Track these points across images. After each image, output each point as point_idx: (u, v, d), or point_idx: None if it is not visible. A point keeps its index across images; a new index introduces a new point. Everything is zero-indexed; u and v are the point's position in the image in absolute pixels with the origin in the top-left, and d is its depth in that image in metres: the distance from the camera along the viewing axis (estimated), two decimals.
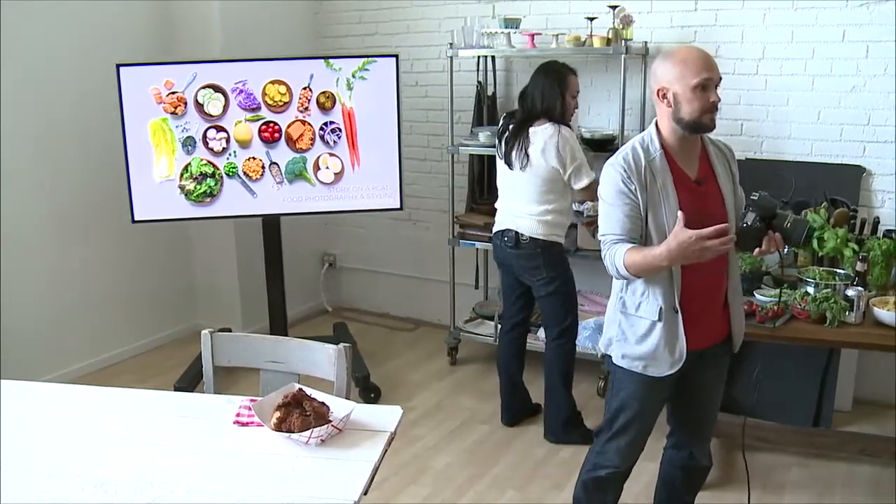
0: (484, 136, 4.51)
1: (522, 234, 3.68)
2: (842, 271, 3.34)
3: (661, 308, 2.45)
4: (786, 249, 2.48)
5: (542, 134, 3.61)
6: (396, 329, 5.53)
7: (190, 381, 4.33)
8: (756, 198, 2.38)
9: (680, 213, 2.28)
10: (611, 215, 2.43)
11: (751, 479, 3.52)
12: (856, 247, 3.37)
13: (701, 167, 2.47)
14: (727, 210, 2.45)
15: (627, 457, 2.70)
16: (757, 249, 2.41)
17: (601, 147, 4.24)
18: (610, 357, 2.62)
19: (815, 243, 3.48)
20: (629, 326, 2.53)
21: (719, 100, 2.36)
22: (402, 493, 3.49)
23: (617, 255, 2.37)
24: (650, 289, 2.46)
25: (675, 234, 2.24)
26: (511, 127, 3.72)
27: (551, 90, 3.64)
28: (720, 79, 2.37)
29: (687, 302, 2.45)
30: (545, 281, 3.73)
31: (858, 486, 3.51)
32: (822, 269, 3.40)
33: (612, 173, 2.42)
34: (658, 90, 2.39)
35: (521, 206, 3.70)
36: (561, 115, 3.65)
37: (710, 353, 2.58)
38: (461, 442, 3.94)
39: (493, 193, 4.90)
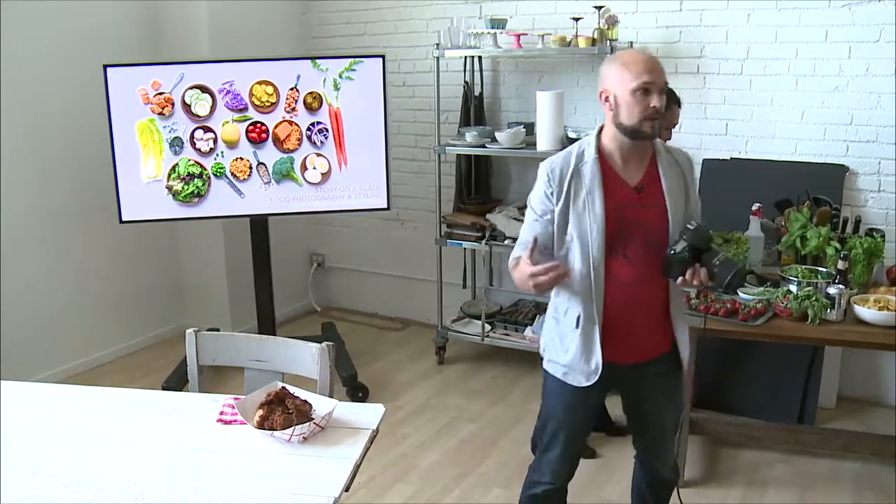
0: (471, 136, 4.53)
1: None
2: (824, 270, 3.37)
3: (579, 316, 2.39)
4: (718, 288, 2.36)
5: None
6: (385, 328, 5.54)
7: (178, 381, 4.34)
8: (692, 227, 2.27)
9: (531, 240, 2.26)
10: (526, 219, 2.45)
11: (735, 476, 3.58)
12: (838, 245, 3.40)
13: (645, 175, 2.37)
14: (669, 222, 2.34)
15: (560, 472, 2.60)
16: (680, 279, 2.30)
17: None
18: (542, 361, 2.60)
19: (798, 242, 3.52)
20: (557, 332, 2.49)
21: (660, 106, 2.26)
22: (388, 492, 3.50)
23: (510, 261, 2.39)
24: (572, 296, 2.41)
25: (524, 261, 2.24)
26: None
27: None
28: (665, 84, 2.28)
29: (613, 313, 2.37)
30: None
31: (841, 483, 3.54)
32: (804, 267, 3.43)
33: (539, 176, 2.40)
34: (601, 92, 2.33)
35: None
36: None
37: (651, 368, 2.48)
38: (448, 440, 3.95)
39: (479, 193, 4.95)
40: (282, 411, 2.08)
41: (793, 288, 3.24)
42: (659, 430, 2.62)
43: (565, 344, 2.45)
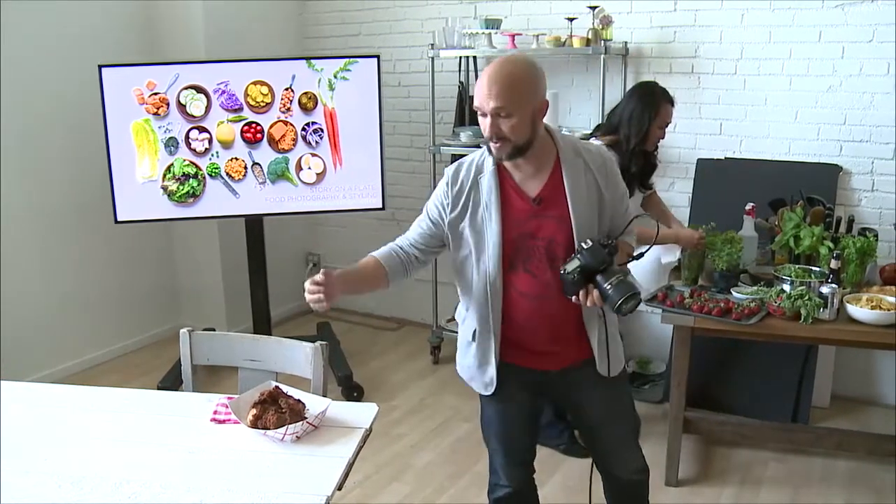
0: (465, 135, 4.54)
1: None
2: (817, 269, 3.38)
3: (475, 330, 2.37)
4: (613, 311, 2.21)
5: None
6: (380, 328, 5.55)
7: (173, 381, 4.34)
8: (586, 246, 2.15)
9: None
10: (419, 216, 2.42)
11: (729, 475, 3.59)
12: (831, 245, 3.41)
13: (547, 184, 2.25)
14: (575, 233, 2.22)
15: (512, 476, 2.55)
16: (574, 298, 2.21)
17: None
18: None
19: (791, 242, 3.53)
20: (460, 336, 2.48)
21: (494, 131, 2.14)
22: (383, 491, 3.51)
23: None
24: (470, 309, 2.37)
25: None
26: None
27: (640, 116, 3.42)
28: (497, 109, 2.11)
29: (519, 325, 2.33)
30: None
31: (835, 481, 3.56)
32: (797, 266, 3.43)
33: (441, 180, 2.36)
34: None
35: None
36: (640, 142, 3.43)
37: (579, 374, 2.40)
38: (443, 440, 3.96)
39: None
40: (275, 410, 2.09)
41: (786, 287, 3.25)
42: (610, 438, 2.55)
43: (466, 352, 2.45)
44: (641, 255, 2.35)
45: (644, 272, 3.66)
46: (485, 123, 2.17)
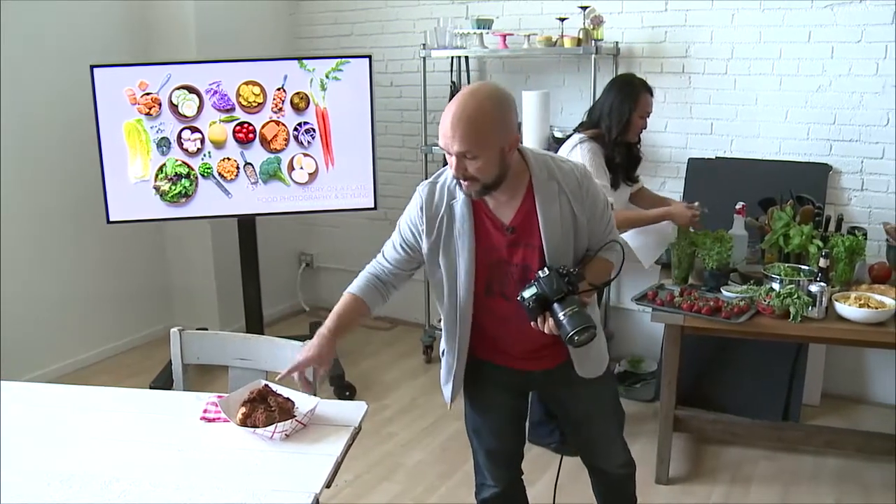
0: None
1: None
2: (806, 267, 3.40)
3: (443, 349, 2.40)
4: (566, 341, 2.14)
5: (565, 147, 3.53)
6: (373, 328, 5.55)
7: (165, 381, 4.34)
8: (542, 275, 2.10)
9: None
10: (394, 234, 2.39)
11: (719, 473, 3.61)
12: (820, 243, 3.42)
13: (519, 210, 2.19)
14: (548, 260, 2.17)
15: (496, 476, 2.55)
16: (532, 323, 2.14)
17: None
18: None
19: (781, 240, 3.54)
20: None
21: (455, 173, 2.09)
22: (374, 490, 3.52)
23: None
24: (444, 327, 2.37)
25: None
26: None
27: (620, 107, 3.43)
28: (462, 152, 2.02)
29: (493, 339, 2.34)
30: None
31: (824, 479, 3.58)
32: (787, 265, 3.45)
33: (414, 198, 2.30)
34: None
35: None
36: (622, 132, 3.44)
37: (559, 373, 2.38)
38: (434, 439, 3.97)
39: None
40: (264, 409, 2.10)
41: (775, 286, 3.26)
42: (595, 434, 2.56)
43: (444, 369, 2.45)
44: (608, 283, 2.33)
45: (645, 245, 3.68)
46: (451, 162, 2.08)
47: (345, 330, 2.36)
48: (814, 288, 3.16)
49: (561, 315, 2.07)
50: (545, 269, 2.11)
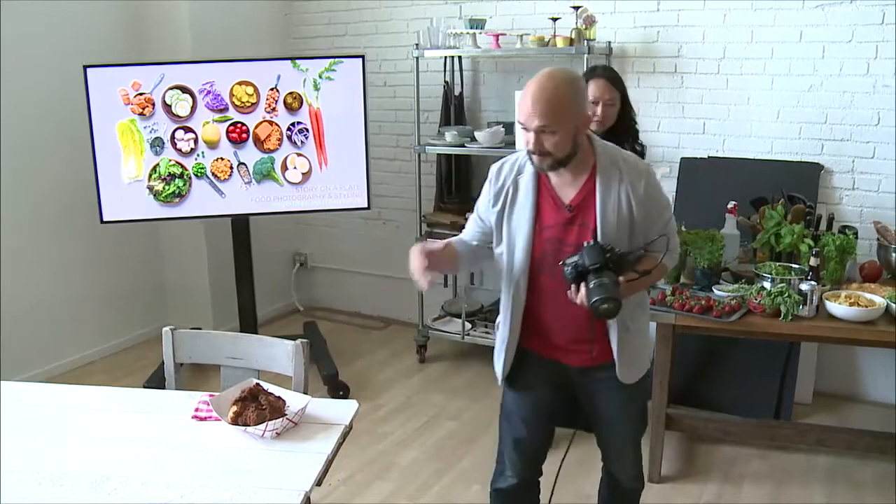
0: (451, 135, 4.56)
1: None
2: (797, 266, 3.41)
3: (500, 319, 2.48)
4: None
5: None
6: (367, 328, 5.56)
7: (159, 381, 4.30)
8: (588, 245, 2.20)
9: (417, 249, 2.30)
10: (473, 213, 2.52)
11: (711, 472, 3.62)
12: (811, 242, 3.44)
13: (580, 193, 2.31)
14: (600, 240, 2.26)
15: (519, 468, 2.62)
16: (568, 292, 2.24)
17: None
18: None
19: (772, 240, 3.56)
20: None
21: (537, 146, 2.20)
22: (368, 489, 3.52)
23: None
24: (502, 299, 2.46)
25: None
26: None
27: None
28: (539, 128, 2.17)
29: (543, 322, 2.41)
30: None
31: (815, 476, 3.59)
32: (778, 264, 3.47)
33: (488, 176, 2.45)
34: None
35: None
36: None
37: (599, 374, 2.44)
38: (428, 438, 3.98)
39: (459, 192, 4.98)
40: (255, 407, 2.11)
41: (766, 284, 3.28)
42: (614, 438, 2.62)
43: (497, 343, 2.54)
44: (651, 278, 2.38)
45: None
46: (527, 137, 2.22)
47: (450, 262, 2.49)
48: (804, 287, 3.18)
49: (591, 283, 2.16)
50: (589, 241, 2.23)
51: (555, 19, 4.33)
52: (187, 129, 4.20)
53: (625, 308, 2.25)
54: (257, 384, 2.21)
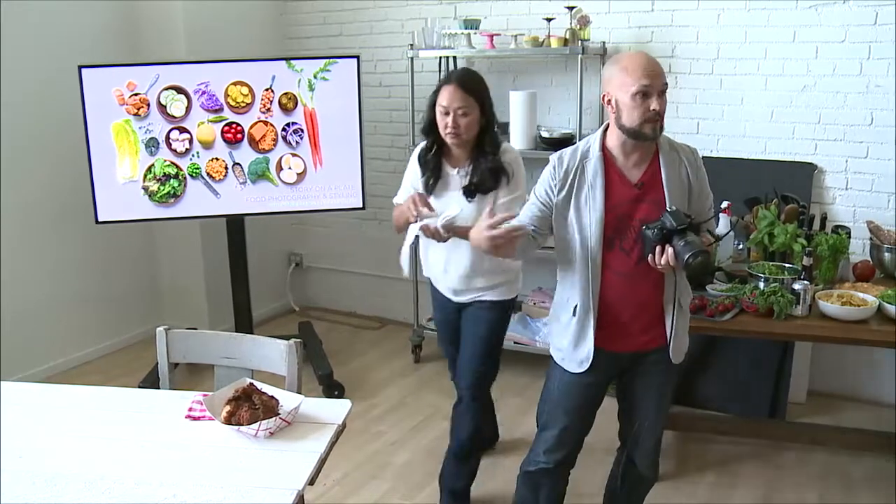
0: None
1: None
2: (790, 266, 3.42)
3: (576, 306, 2.51)
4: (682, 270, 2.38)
5: None
6: (362, 327, 5.57)
7: (154, 381, 4.30)
8: (670, 210, 2.35)
9: (486, 213, 2.44)
10: (528, 201, 2.58)
11: (705, 470, 3.63)
12: (804, 242, 3.45)
13: (647, 172, 2.44)
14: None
15: (554, 453, 2.68)
16: (650, 257, 2.35)
17: (560, 145, 4.29)
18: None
19: (766, 239, 3.57)
20: (557, 318, 2.63)
21: (661, 108, 2.32)
22: (362, 489, 3.53)
23: None
24: (572, 286, 2.52)
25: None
26: None
27: (429, 107, 3.15)
28: (664, 86, 2.33)
29: (609, 302, 2.48)
30: None
31: (808, 474, 3.60)
32: (771, 263, 3.48)
33: (547, 166, 2.52)
34: (603, 95, 2.41)
35: None
36: (427, 131, 3.18)
37: (649, 358, 2.57)
38: (422, 438, 3.99)
39: None
40: (248, 407, 2.12)
41: (760, 284, 3.29)
42: (645, 421, 2.69)
43: (563, 331, 2.57)
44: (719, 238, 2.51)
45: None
46: (647, 104, 2.30)
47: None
48: (797, 286, 3.19)
49: (681, 242, 2.28)
50: (672, 207, 2.37)
51: (549, 20, 4.34)
52: (182, 130, 4.20)
53: (679, 285, 2.48)
54: (251, 384, 2.22)
